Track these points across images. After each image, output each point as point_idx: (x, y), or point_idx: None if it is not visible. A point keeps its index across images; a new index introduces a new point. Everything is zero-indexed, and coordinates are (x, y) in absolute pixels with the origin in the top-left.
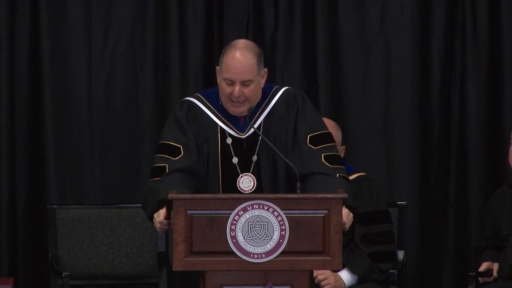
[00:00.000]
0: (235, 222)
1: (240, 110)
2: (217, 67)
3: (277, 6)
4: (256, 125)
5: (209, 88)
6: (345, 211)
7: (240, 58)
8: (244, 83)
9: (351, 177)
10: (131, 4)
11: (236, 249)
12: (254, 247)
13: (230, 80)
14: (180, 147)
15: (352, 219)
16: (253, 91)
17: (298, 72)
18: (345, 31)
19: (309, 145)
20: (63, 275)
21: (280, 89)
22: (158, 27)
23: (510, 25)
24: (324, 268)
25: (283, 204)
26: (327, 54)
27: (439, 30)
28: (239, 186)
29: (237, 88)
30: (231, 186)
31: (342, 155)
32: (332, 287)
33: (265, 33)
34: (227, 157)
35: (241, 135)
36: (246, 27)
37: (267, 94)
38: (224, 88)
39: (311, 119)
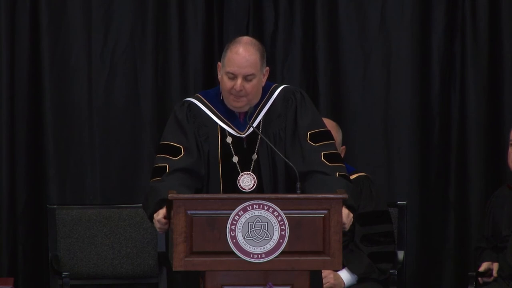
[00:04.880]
0: (235, 222)
1: (241, 104)
2: (218, 63)
3: (277, 6)
4: (255, 123)
5: (209, 88)
6: (345, 211)
7: (243, 53)
8: (246, 78)
9: (351, 177)
10: (131, 4)
11: (236, 249)
12: (254, 247)
13: (232, 74)
14: (180, 147)
15: (352, 219)
16: (254, 87)
17: (298, 72)
18: (345, 31)
19: (309, 142)
20: (63, 275)
21: (279, 86)
22: (158, 27)
23: (510, 25)
24: (324, 268)
25: (283, 204)
26: (327, 54)
27: (439, 30)
28: (240, 185)
29: (239, 81)
30: (232, 185)
31: (342, 155)
32: (331, 285)
33: (265, 33)
34: (227, 156)
35: (241, 134)
36: (246, 27)
37: (266, 92)
38: (225, 83)
39: (310, 116)
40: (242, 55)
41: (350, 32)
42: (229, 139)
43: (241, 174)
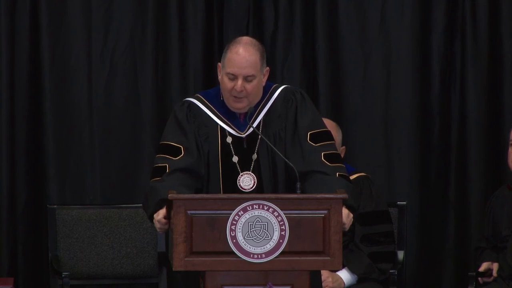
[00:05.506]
0: (235, 222)
1: (241, 105)
2: (218, 64)
3: (277, 6)
4: (255, 123)
5: (209, 88)
6: (345, 211)
7: (243, 53)
8: (247, 78)
9: (351, 177)
10: (131, 4)
11: (236, 249)
12: (254, 247)
13: (232, 74)
14: (180, 147)
15: (352, 219)
16: (255, 88)
17: (298, 72)
18: (345, 31)
19: (310, 142)
20: (63, 275)
21: (279, 87)
22: (158, 27)
23: (510, 25)
24: (324, 268)
25: (283, 204)
26: (327, 54)
27: (439, 30)
28: (240, 185)
29: (239, 82)
30: (232, 185)
31: (342, 155)
32: None
33: (265, 33)
34: (227, 156)
35: (241, 134)
36: (246, 27)
37: (266, 92)
38: (226, 83)
39: (310, 116)
40: (242, 56)
41: (350, 32)
42: (229, 139)
43: (241, 174)
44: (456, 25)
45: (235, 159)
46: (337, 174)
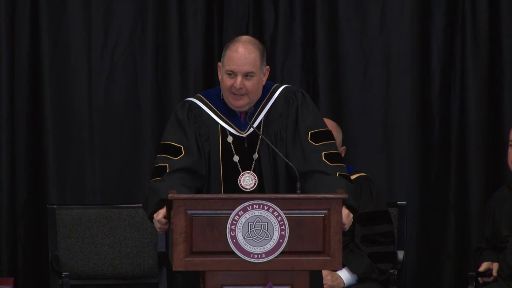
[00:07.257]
0: (235, 222)
1: (241, 103)
2: (219, 63)
3: (277, 6)
4: (256, 123)
5: (209, 88)
6: (345, 211)
7: (243, 51)
8: (246, 76)
9: (351, 177)
10: (131, 4)
11: (236, 249)
12: (254, 247)
13: (232, 72)
14: (181, 147)
15: (352, 219)
16: (255, 86)
17: (298, 72)
18: (345, 31)
19: (311, 141)
20: (63, 275)
21: (280, 86)
22: (158, 27)
23: (510, 25)
24: (324, 268)
25: (283, 204)
26: (327, 54)
27: (439, 30)
28: (241, 184)
29: (238, 79)
30: (233, 185)
31: (342, 155)
32: (329, 287)
33: (265, 33)
34: (228, 156)
35: (242, 134)
36: (246, 27)
37: (267, 92)
38: (225, 81)
39: (311, 116)
40: (242, 53)
41: (350, 32)
42: (230, 139)
43: (242, 173)
44: (456, 25)
45: (236, 158)
46: (338, 174)
